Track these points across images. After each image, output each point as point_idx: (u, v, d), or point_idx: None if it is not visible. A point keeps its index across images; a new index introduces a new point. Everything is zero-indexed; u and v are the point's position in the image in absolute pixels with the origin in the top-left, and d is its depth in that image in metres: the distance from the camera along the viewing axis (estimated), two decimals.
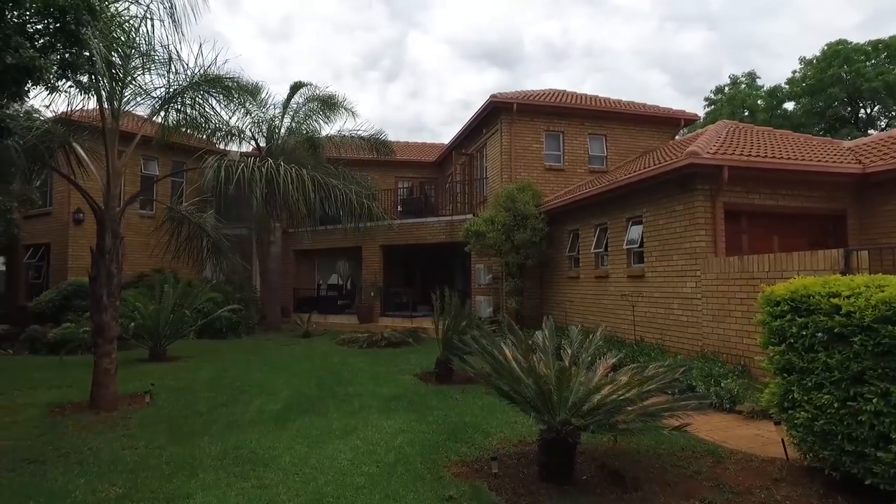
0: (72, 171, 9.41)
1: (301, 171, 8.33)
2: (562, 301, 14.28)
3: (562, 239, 14.38)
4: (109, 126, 7.87)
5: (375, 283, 18.71)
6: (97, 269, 7.54)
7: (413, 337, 14.11)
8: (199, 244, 10.88)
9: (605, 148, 16.82)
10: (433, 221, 17.87)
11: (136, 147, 17.53)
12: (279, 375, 9.75)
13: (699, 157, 8.62)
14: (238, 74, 9.57)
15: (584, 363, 5.36)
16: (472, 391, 8.29)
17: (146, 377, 9.57)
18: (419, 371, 10.21)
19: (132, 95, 8.37)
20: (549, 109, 16.30)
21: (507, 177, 15.87)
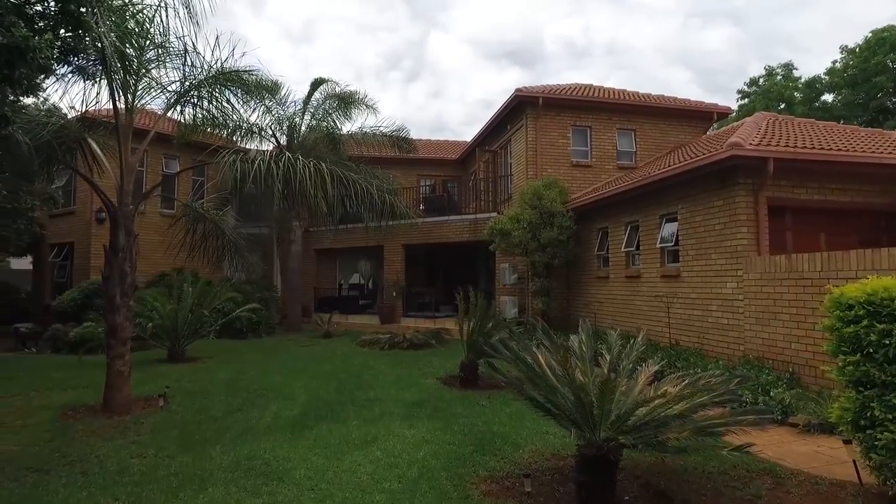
0: (88, 168, 9.21)
1: (320, 164, 8.00)
2: (590, 302, 13.75)
3: (590, 237, 13.85)
4: (122, 120, 7.60)
5: (397, 283, 18.37)
6: (110, 268, 7.28)
7: (436, 338, 13.71)
8: (216, 243, 10.65)
9: (634, 143, 16.22)
10: (456, 220, 17.47)
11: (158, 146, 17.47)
12: (298, 378, 9.43)
13: (742, 149, 8.06)
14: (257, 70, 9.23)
15: (626, 371, 4.90)
16: (499, 397, 7.86)
17: (162, 379, 9.33)
18: (443, 374, 9.80)
19: (146, 89, 8.10)
20: (575, 103, 15.76)
21: (532, 173, 15.38)
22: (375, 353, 12.45)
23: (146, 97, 8.19)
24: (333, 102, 17.31)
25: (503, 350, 5.03)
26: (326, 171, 7.93)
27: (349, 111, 17.48)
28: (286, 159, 7.94)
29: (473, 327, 9.07)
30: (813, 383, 6.88)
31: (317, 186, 7.96)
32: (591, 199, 13.06)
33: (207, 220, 10.00)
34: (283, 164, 7.85)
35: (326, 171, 7.93)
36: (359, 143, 18.74)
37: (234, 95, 9.38)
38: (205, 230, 10.22)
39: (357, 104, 17.47)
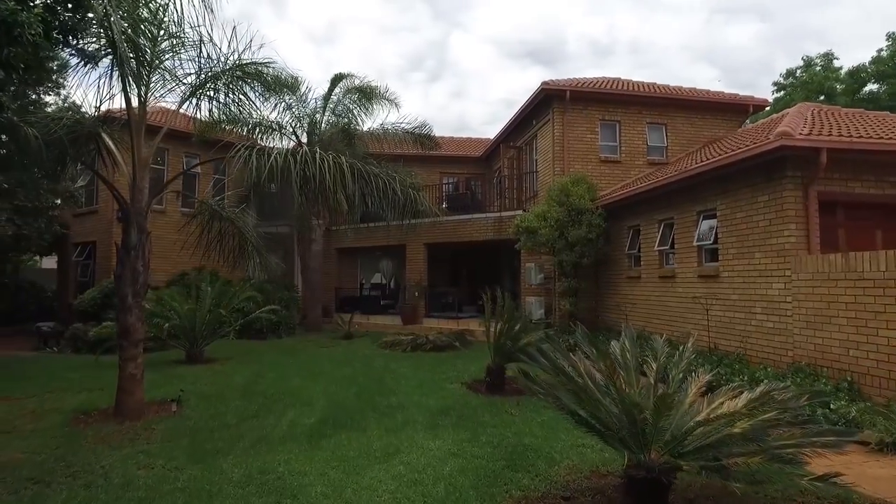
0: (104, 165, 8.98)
1: (339, 158, 7.61)
2: (620, 303, 13.17)
3: (620, 236, 13.27)
4: (135, 113, 7.30)
5: (420, 283, 17.97)
6: (122, 267, 7.00)
7: (460, 340, 13.27)
8: (233, 241, 10.35)
9: (665, 138, 15.58)
10: (480, 218, 16.99)
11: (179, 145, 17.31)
12: (317, 382, 9.07)
13: (791, 139, 7.45)
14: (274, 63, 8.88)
15: (675, 381, 4.40)
16: (529, 404, 7.39)
17: (179, 381, 9.05)
18: (468, 379, 9.36)
19: (160, 80, 7.80)
20: (604, 97, 15.18)
21: (559, 169, 14.84)
22: (397, 356, 12.06)
23: (160, 89, 7.89)
24: (354, 96, 16.95)
25: (539, 357, 4.54)
26: (346, 165, 7.53)
27: (370, 106, 17.12)
28: (303, 153, 7.57)
29: (500, 330, 8.61)
30: (877, 394, 6.27)
31: (336, 181, 7.56)
32: (622, 195, 12.49)
33: (224, 218, 9.70)
34: (300, 158, 7.48)
35: (346, 165, 7.53)
36: (380, 139, 18.39)
37: (252, 90, 9.05)
38: (221, 228, 9.93)
39: (378, 99, 17.09)
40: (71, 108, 8.90)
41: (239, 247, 10.41)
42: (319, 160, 7.44)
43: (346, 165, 7.55)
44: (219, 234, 9.99)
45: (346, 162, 7.63)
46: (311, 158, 7.53)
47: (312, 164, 7.45)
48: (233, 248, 10.32)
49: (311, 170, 7.45)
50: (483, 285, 20.41)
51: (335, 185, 7.55)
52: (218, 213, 9.60)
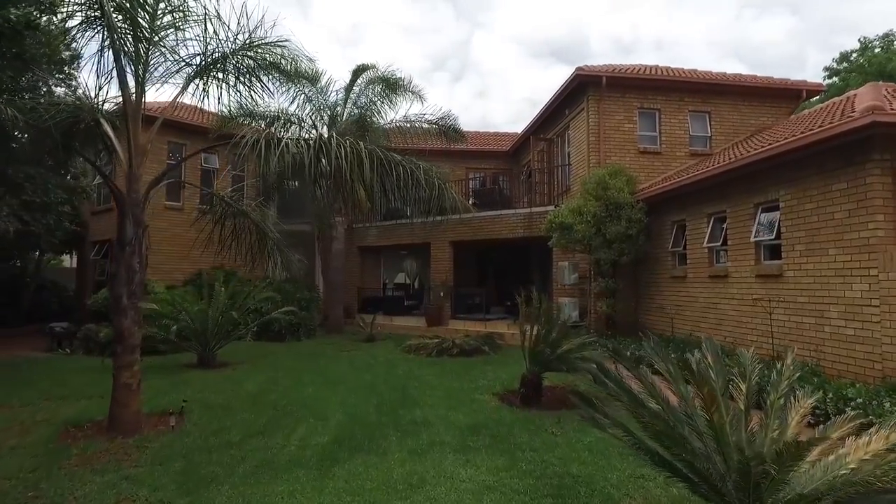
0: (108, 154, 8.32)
1: (357, 143, 6.80)
2: (663, 305, 12.12)
3: (663, 232, 12.23)
4: (130, 94, 6.59)
5: (445, 283, 17.11)
6: (116, 265, 6.29)
7: (488, 344, 12.38)
8: (249, 238, 9.66)
9: (709, 127, 14.44)
10: (509, 214, 16.05)
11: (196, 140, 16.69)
12: (333, 391, 8.27)
13: (885, 114, 6.39)
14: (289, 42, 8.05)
15: (775, 408, 3.46)
16: (570, 421, 6.50)
17: (185, 388, 8.36)
18: (499, 389, 8.49)
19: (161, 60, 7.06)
20: (643, 83, 14.13)
21: (594, 161, 13.84)
22: (422, 361, 11.22)
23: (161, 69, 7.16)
24: (377, 87, 16.16)
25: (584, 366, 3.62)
26: (364, 152, 6.71)
27: (393, 98, 16.31)
28: (318, 138, 6.79)
29: (537, 335, 7.70)
30: None
31: (353, 170, 6.75)
32: (665, 187, 11.44)
33: (238, 212, 8.99)
34: (314, 145, 6.69)
35: (364, 152, 6.71)
36: (404, 133, 17.57)
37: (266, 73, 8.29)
38: (235, 223, 9.23)
39: (402, 90, 16.27)
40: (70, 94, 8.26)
41: (257, 244, 9.75)
42: (335, 146, 6.64)
43: (364, 152, 6.73)
44: (234, 230, 9.33)
45: (365, 148, 6.81)
46: (326, 145, 6.75)
47: (327, 152, 6.66)
48: (251, 246, 9.67)
49: (325, 157, 6.67)
50: (511, 286, 19.56)
51: (352, 174, 6.74)
52: (232, 206, 8.89)
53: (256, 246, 9.71)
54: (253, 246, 9.67)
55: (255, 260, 9.91)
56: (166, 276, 16.85)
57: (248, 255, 9.68)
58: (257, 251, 9.74)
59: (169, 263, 17.11)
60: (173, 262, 17.00)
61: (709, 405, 2.74)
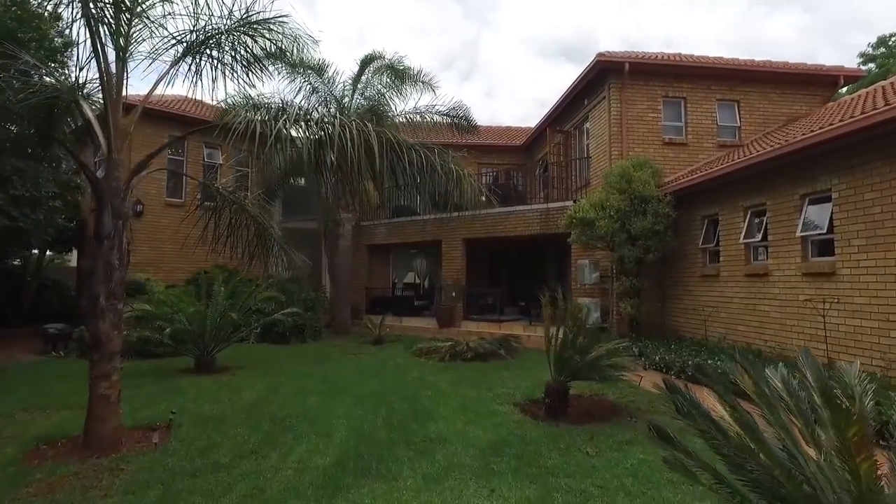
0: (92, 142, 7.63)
1: (364, 124, 6.07)
2: (693, 306, 11.30)
3: (692, 227, 11.41)
4: (109, 67, 5.88)
5: (457, 282, 16.34)
6: (93, 261, 5.59)
7: (505, 347, 11.59)
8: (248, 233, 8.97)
9: (738, 117, 13.60)
10: (525, 210, 15.26)
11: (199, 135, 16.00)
12: (339, 401, 7.53)
13: None
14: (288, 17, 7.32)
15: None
16: (605, 437, 5.74)
17: (178, 397, 7.66)
18: (520, 398, 7.73)
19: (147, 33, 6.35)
20: (667, 70, 13.31)
21: (616, 153, 13.04)
22: (434, 366, 10.46)
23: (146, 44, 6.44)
24: (385, 77, 15.44)
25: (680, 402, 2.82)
26: (373, 134, 5.97)
27: (402, 88, 15.58)
28: (320, 118, 6.07)
29: (564, 339, 6.92)
30: None
31: (360, 156, 6.01)
32: (696, 179, 10.62)
33: (233, 204, 8.29)
34: (317, 122, 5.98)
35: (373, 134, 5.97)
36: (414, 127, 16.82)
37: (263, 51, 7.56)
38: (231, 217, 8.54)
39: (411, 80, 15.54)
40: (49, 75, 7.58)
41: (256, 239, 9.08)
42: (339, 127, 5.91)
43: (372, 136, 5.99)
44: (230, 225, 8.65)
45: (374, 130, 6.07)
46: (330, 125, 6.03)
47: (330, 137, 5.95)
48: (249, 242, 9.00)
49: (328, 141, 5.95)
50: (525, 285, 18.76)
51: (359, 160, 6.00)
52: (227, 198, 8.18)
53: (255, 242, 9.07)
54: (251, 242, 9.02)
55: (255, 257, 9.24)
56: (168, 276, 16.24)
57: (247, 251, 9.03)
58: (256, 248, 9.08)
59: (170, 262, 16.50)
60: (175, 261, 16.37)
61: (853, 451, 1.94)
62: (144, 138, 16.22)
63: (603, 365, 6.80)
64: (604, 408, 7.30)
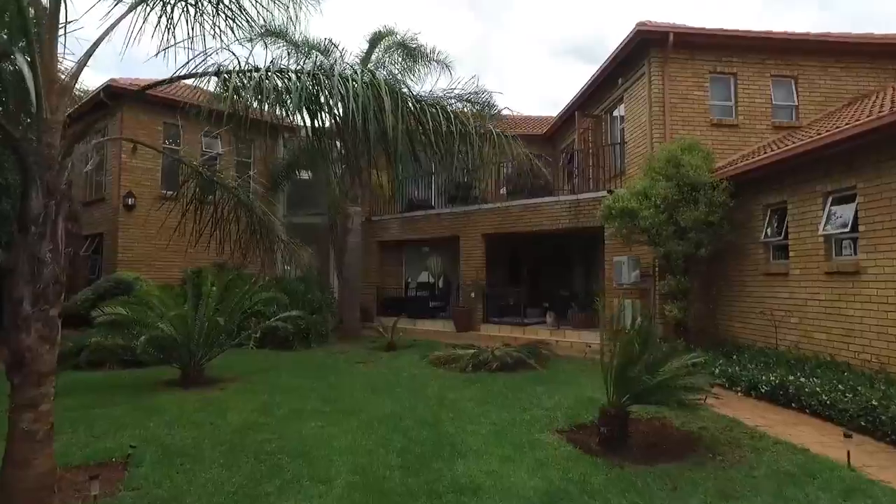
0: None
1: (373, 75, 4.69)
2: (752, 309, 9.79)
3: (751, 218, 9.91)
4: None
5: (477, 282, 14.91)
6: (15, 254, 4.23)
7: (534, 356, 10.15)
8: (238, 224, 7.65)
9: (795, 95, 12.05)
10: (552, 203, 13.79)
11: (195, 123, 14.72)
12: (343, 426, 6.15)
13: None
14: None
15: None
16: (690, 485, 4.32)
17: (150, 420, 6.33)
18: (563, 422, 6.34)
19: None
20: (717, 42, 11.79)
21: (658, 136, 11.57)
22: (455, 378, 9.04)
23: None
24: (397, 56, 14.08)
25: None
26: (384, 87, 4.58)
27: (415, 68, 14.19)
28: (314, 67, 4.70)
29: (627, 352, 5.48)
30: None
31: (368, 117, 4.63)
32: (760, 161, 9.11)
33: (211, 184, 6.99)
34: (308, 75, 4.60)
35: (384, 87, 4.58)
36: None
37: None
38: (216, 204, 7.22)
39: (425, 60, 14.14)
40: None
41: (256, 232, 7.78)
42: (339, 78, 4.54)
43: (383, 88, 4.59)
44: (215, 214, 7.35)
45: (384, 83, 4.68)
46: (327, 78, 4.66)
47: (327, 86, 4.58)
48: (242, 234, 7.71)
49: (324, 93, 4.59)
50: (549, 285, 17.31)
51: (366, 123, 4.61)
52: (211, 179, 6.87)
53: (250, 234, 7.76)
54: (244, 235, 7.72)
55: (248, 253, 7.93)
56: (162, 275, 14.94)
57: (237, 246, 7.71)
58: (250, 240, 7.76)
59: (165, 260, 15.21)
60: (170, 259, 15.09)
61: None
62: (138, 125, 15.08)
63: (678, 386, 5.36)
64: (671, 438, 5.87)
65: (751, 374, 7.67)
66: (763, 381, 7.32)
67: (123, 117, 14.67)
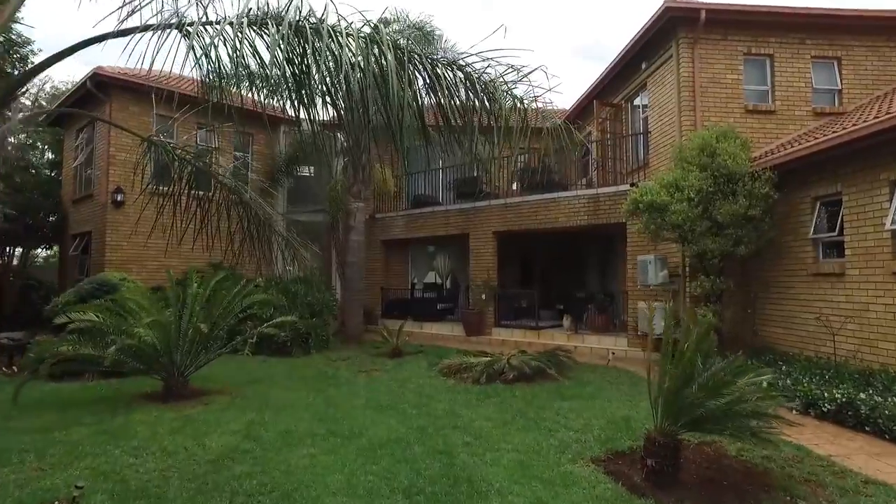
0: None
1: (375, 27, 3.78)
2: (797, 313, 8.81)
3: (796, 212, 8.93)
4: None
5: (488, 282, 13.95)
6: None
7: (554, 364, 9.20)
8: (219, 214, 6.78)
9: (838, 77, 11.03)
10: (570, 198, 12.81)
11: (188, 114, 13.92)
12: (340, 455, 5.20)
13: None
14: None
15: None
16: None
17: (116, 446, 5.41)
18: (598, 447, 5.40)
19: None
20: (753, 19, 10.77)
21: (688, 123, 10.58)
22: (468, 392, 8.08)
23: None
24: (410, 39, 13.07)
25: None
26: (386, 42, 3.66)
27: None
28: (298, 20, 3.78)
29: (679, 370, 4.51)
30: None
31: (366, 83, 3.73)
32: (812, 146, 8.11)
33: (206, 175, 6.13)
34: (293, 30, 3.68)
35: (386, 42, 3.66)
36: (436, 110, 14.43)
37: None
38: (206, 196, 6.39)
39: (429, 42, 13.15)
40: None
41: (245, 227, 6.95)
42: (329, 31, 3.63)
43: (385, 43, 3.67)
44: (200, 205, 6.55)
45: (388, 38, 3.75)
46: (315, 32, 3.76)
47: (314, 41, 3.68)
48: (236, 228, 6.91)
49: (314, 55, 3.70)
50: (563, 285, 16.31)
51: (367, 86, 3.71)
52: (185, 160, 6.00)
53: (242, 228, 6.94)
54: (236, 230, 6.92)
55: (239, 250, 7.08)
56: (153, 275, 14.05)
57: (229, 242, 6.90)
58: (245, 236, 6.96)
59: (157, 260, 14.31)
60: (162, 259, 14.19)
61: None
62: (129, 117, 14.21)
63: (745, 412, 4.38)
64: (730, 471, 4.89)
65: (807, 388, 6.69)
66: (825, 398, 6.33)
67: (112, 108, 13.80)
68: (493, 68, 4.08)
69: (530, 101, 4.26)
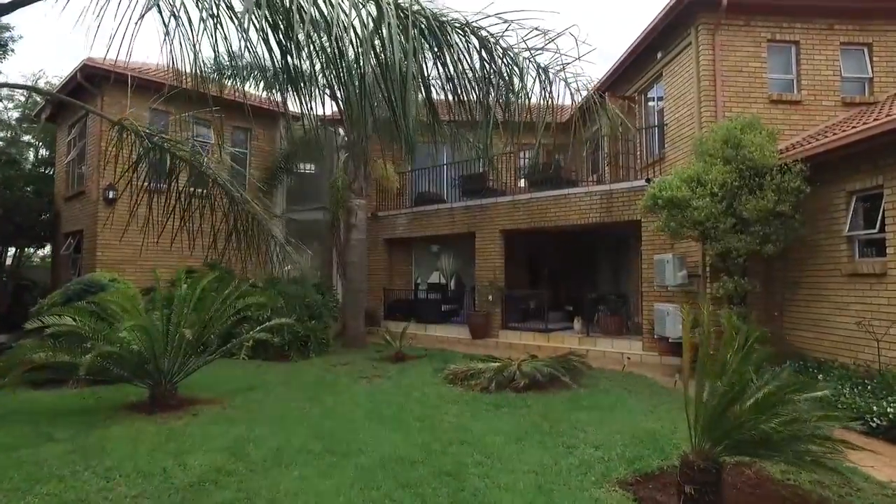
0: None
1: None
2: (830, 316, 8.19)
3: (829, 208, 8.31)
4: None
5: (494, 283, 13.36)
6: None
7: (568, 370, 8.60)
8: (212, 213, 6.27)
9: (869, 65, 10.39)
10: (581, 194, 12.19)
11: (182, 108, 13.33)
12: (336, 477, 4.61)
13: None
14: None
15: None
16: None
17: (86, 467, 4.84)
18: (623, 468, 4.82)
19: None
20: (778, 4, 10.15)
21: (708, 114, 9.97)
22: (476, 401, 7.48)
23: None
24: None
25: None
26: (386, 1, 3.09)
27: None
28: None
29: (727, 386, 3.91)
30: None
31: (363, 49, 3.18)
32: (850, 136, 7.48)
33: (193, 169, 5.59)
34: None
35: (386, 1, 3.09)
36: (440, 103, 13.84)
37: None
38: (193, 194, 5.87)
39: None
40: None
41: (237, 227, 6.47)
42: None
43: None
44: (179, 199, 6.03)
45: None
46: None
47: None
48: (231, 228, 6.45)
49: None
50: (572, 287, 15.71)
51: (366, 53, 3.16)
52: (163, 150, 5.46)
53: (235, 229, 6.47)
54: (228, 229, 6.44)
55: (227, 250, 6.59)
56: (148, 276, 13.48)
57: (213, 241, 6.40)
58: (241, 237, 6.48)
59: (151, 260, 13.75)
60: (156, 259, 13.64)
61: None
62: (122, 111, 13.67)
63: (804, 435, 3.78)
64: (777, 499, 4.30)
65: (852, 400, 6.08)
66: (874, 412, 5.72)
67: (104, 101, 13.27)
68: (514, 31, 3.44)
69: (558, 71, 3.61)
